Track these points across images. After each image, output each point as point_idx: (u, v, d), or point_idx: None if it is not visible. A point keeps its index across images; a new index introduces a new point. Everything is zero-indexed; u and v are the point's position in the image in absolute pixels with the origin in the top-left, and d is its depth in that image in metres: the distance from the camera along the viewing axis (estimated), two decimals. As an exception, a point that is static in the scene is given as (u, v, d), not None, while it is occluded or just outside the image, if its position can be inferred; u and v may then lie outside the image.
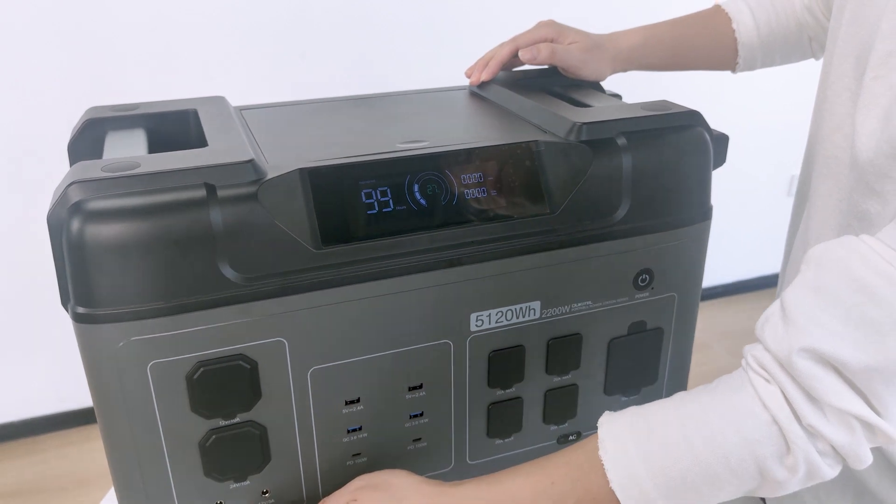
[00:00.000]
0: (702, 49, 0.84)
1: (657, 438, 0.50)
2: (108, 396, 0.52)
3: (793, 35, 0.82)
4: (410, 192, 0.56)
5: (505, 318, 0.61)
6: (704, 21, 0.84)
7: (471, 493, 0.55)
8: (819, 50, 0.84)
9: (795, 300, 0.48)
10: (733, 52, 0.83)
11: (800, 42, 0.83)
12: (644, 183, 0.61)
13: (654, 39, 0.82)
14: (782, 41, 0.83)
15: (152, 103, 0.69)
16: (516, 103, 0.70)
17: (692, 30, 0.84)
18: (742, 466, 0.48)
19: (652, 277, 0.64)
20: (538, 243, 0.59)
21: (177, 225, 0.49)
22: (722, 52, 0.84)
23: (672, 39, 0.83)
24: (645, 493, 0.49)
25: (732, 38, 0.83)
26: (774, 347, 0.48)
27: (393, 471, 0.59)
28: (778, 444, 0.47)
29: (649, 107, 0.64)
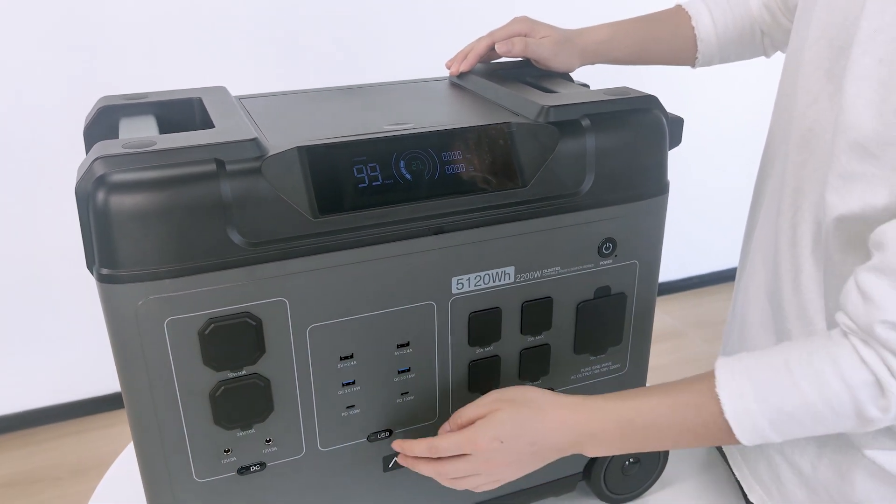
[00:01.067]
0: (664, 44, 0.91)
1: (767, 379, 0.59)
2: (128, 351, 0.58)
3: (747, 33, 0.90)
4: (397, 167, 0.63)
5: (483, 281, 0.68)
6: (666, 19, 0.91)
7: (603, 405, 0.64)
8: (771, 47, 0.92)
9: (868, 281, 0.57)
10: (693, 48, 0.91)
11: (753, 40, 0.91)
12: (606, 160, 0.68)
13: (620, 35, 0.89)
14: (737, 38, 0.91)
15: (160, 92, 0.75)
16: (492, 91, 0.77)
17: (655, 26, 0.91)
18: (842, 406, 0.58)
19: (615, 246, 0.72)
20: (511, 214, 0.66)
21: (190, 195, 0.56)
22: (683, 48, 0.91)
23: (636, 35, 0.90)
24: (755, 425, 0.59)
25: (692, 35, 0.90)
26: (858, 320, 0.58)
27: (524, 386, 0.68)
28: (874, 390, 0.57)
29: (611, 92, 0.72)
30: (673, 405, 0.63)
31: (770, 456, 0.77)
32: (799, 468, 0.74)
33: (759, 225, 0.79)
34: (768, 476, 0.78)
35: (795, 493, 0.75)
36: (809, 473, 0.73)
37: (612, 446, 0.65)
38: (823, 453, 0.72)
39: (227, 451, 0.64)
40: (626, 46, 0.89)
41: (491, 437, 0.63)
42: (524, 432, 0.64)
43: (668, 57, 0.92)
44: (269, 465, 0.66)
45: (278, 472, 0.67)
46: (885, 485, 0.67)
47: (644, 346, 0.79)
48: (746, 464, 0.82)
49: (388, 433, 0.70)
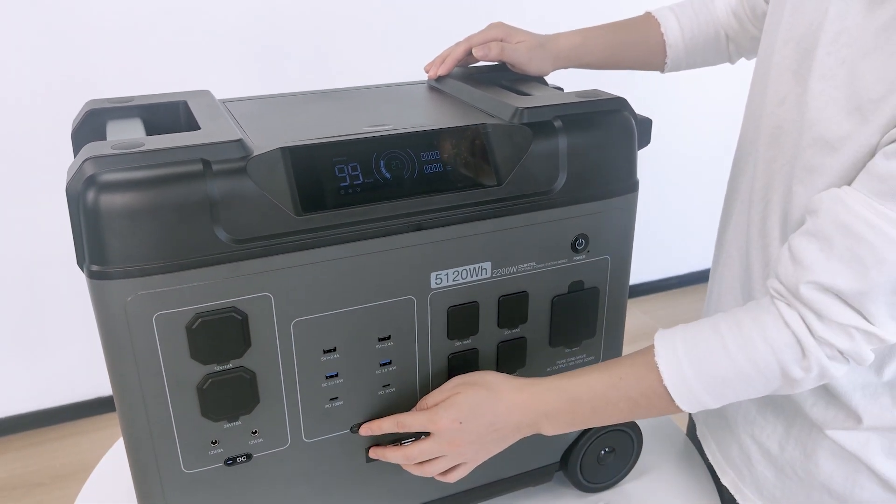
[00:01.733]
0: (634, 50, 0.95)
1: (701, 347, 0.64)
2: (118, 345, 0.60)
3: (712, 39, 0.94)
4: (377, 167, 0.66)
5: (461, 276, 0.70)
6: (636, 25, 0.95)
7: (553, 384, 0.69)
8: (735, 53, 0.96)
9: (799, 245, 0.62)
10: (662, 54, 0.95)
11: (718, 46, 0.95)
12: (577, 159, 0.71)
13: (592, 40, 0.92)
14: (703, 44, 0.95)
15: (146, 96, 0.77)
16: (468, 94, 0.80)
17: (626, 33, 0.95)
18: (768, 368, 0.62)
19: (587, 242, 0.75)
20: (488, 211, 0.69)
21: (177, 194, 0.58)
22: (652, 54, 0.95)
23: (607, 41, 0.94)
24: (692, 390, 0.64)
25: (661, 41, 0.94)
26: (786, 282, 0.62)
27: (484, 371, 0.73)
28: (795, 351, 0.61)
29: (582, 94, 0.75)
30: (616, 378, 0.67)
31: (741, 439, 0.81)
32: (767, 449, 0.78)
33: (732, 220, 0.83)
34: (740, 459, 0.82)
35: (765, 474, 0.78)
36: (777, 454, 0.77)
37: (565, 423, 0.69)
38: (790, 434, 0.76)
39: (214, 442, 0.66)
40: (597, 51, 0.92)
41: (451, 417, 0.67)
42: (482, 413, 0.68)
43: (637, 62, 0.96)
44: (255, 457, 0.68)
45: (264, 463, 0.69)
46: (846, 462, 0.71)
47: (617, 339, 0.82)
48: (720, 449, 0.85)
49: (370, 424, 0.72)
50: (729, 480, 0.83)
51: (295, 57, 1.99)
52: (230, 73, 1.93)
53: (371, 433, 0.71)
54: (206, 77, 1.89)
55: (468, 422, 0.68)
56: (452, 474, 0.71)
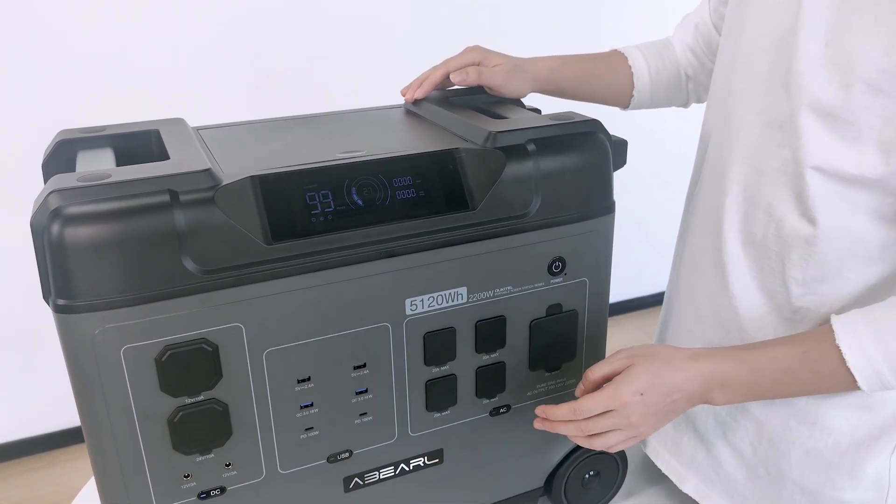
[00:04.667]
0: (604, 81, 0.96)
1: (886, 327, 0.62)
2: (85, 379, 0.59)
3: (674, 78, 0.97)
4: (349, 194, 0.65)
5: (436, 302, 0.70)
6: (607, 59, 0.96)
7: (731, 354, 0.67)
8: (693, 93, 0.98)
9: None
10: (629, 88, 0.96)
11: (679, 84, 0.97)
12: (552, 182, 0.71)
13: (568, 65, 0.93)
14: (666, 82, 0.97)
15: (118, 125, 0.76)
16: (444, 118, 0.80)
17: (597, 63, 0.96)
18: None
19: (564, 265, 0.74)
20: (462, 236, 0.68)
21: (144, 226, 0.57)
22: (619, 87, 0.96)
23: (582, 68, 0.94)
24: (878, 371, 0.62)
25: (629, 74, 0.95)
26: None
27: (650, 344, 0.72)
28: None
29: (556, 117, 0.75)
30: (800, 352, 0.65)
31: (710, 443, 0.82)
32: (740, 451, 0.79)
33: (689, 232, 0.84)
34: (707, 462, 0.83)
35: (735, 476, 0.80)
36: (749, 455, 0.77)
37: (741, 394, 0.67)
38: (762, 435, 0.77)
39: (186, 476, 0.65)
40: (572, 77, 0.93)
41: (633, 390, 0.66)
42: (661, 383, 0.66)
43: (605, 94, 0.97)
44: (229, 490, 0.67)
45: (239, 496, 0.68)
46: (817, 461, 0.72)
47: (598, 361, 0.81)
48: (676, 457, 0.87)
49: (347, 454, 0.71)
50: (691, 487, 0.84)
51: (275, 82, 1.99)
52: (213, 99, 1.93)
53: (545, 416, 0.69)
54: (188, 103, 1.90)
55: (648, 393, 0.66)
56: (619, 445, 0.70)
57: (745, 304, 0.75)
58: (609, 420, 0.67)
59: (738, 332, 0.77)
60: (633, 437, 0.69)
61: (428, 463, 0.76)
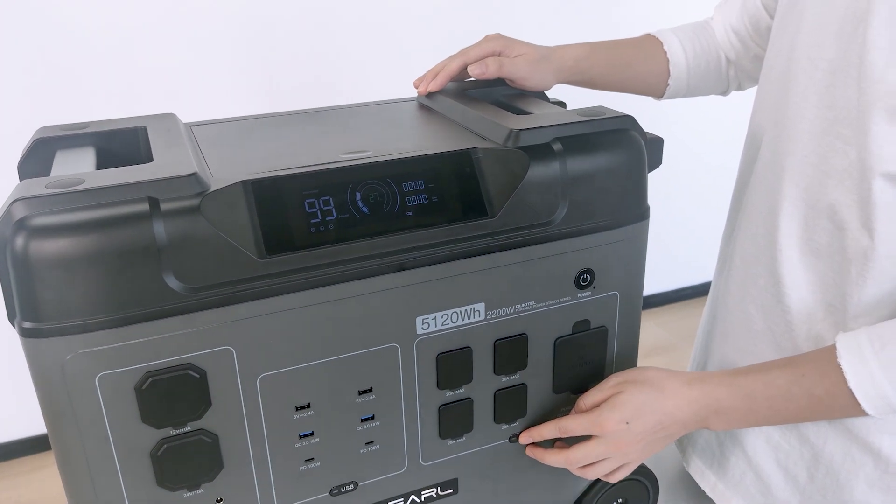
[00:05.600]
0: (636, 69, 0.88)
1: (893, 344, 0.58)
2: (57, 410, 0.53)
3: (713, 63, 0.88)
4: (353, 200, 0.58)
5: (451, 320, 0.63)
6: (640, 44, 0.88)
7: (725, 380, 0.64)
8: (734, 79, 0.89)
9: None
10: (664, 75, 0.88)
11: (719, 70, 0.89)
12: (580, 186, 0.63)
13: (597, 53, 0.85)
14: (705, 68, 0.88)
15: (103, 121, 0.70)
16: (460, 113, 0.73)
17: (629, 50, 0.88)
18: None
19: (593, 277, 0.67)
20: (480, 247, 0.61)
21: (120, 238, 0.51)
22: (654, 74, 0.88)
23: (612, 56, 0.86)
24: (883, 394, 0.58)
25: (664, 61, 0.87)
26: None
27: (643, 367, 0.68)
28: None
29: (584, 113, 0.67)
30: (797, 375, 0.62)
31: (759, 466, 0.75)
32: (794, 476, 0.72)
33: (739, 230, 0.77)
34: (755, 487, 0.76)
35: (789, 501, 0.73)
36: (805, 482, 0.71)
37: (737, 420, 0.65)
38: (820, 462, 0.70)
39: (173, 513, 0.58)
40: (601, 66, 0.85)
41: (617, 419, 0.64)
42: (649, 412, 0.64)
43: (638, 82, 0.89)
44: (221, 527, 0.61)
45: (232, 534, 0.61)
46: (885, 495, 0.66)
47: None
48: (722, 479, 0.80)
49: (352, 486, 0.65)
50: None
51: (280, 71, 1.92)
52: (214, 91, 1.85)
53: (531, 440, 0.69)
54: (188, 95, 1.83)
55: (635, 422, 0.64)
56: (616, 475, 0.69)
57: (801, 320, 0.67)
58: (597, 448, 0.65)
59: (792, 349, 0.69)
60: (624, 464, 0.68)
61: (441, 494, 0.69)
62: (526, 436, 0.69)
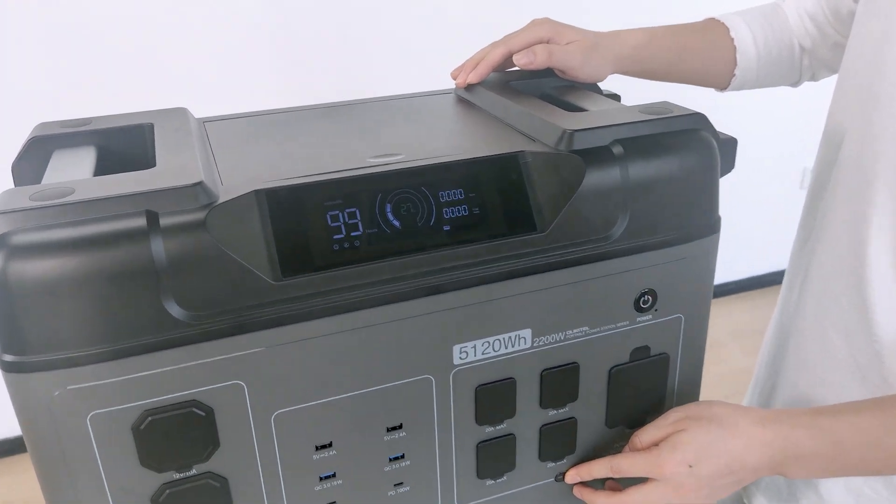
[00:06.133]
0: (700, 57, 0.78)
1: None
2: (45, 451, 0.47)
3: (786, 51, 0.78)
4: (382, 212, 0.50)
5: (492, 348, 0.55)
6: (703, 30, 0.79)
7: (807, 421, 0.56)
8: (808, 69, 0.80)
9: None
10: (730, 63, 0.78)
11: (791, 58, 0.79)
12: (643, 195, 0.55)
13: (657, 41, 0.76)
14: (776, 56, 0.78)
15: (107, 117, 0.63)
16: (504, 109, 0.64)
17: (693, 36, 0.78)
18: None
19: (655, 298, 0.58)
20: (527, 266, 0.53)
21: (114, 259, 0.44)
22: (719, 62, 0.79)
23: (674, 44, 0.77)
24: None
25: (731, 48, 0.77)
26: None
27: (709, 402, 0.60)
28: None
29: (648, 110, 0.58)
30: (890, 419, 0.54)
31: None
32: None
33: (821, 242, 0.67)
34: None
35: None
36: None
37: (819, 468, 0.57)
38: None
39: (178, 564, 0.52)
40: (662, 53, 0.76)
41: (678, 460, 0.56)
42: (715, 454, 0.56)
43: (701, 72, 0.79)
44: (232, 577, 0.54)
45: (245, 584, 0.55)
46: None
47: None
48: None
49: (379, 530, 0.58)
50: None
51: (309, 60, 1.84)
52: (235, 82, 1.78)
53: (580, 480, 0.62)
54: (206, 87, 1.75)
55: (699, 465, 0.56)
56: None
57: (893, 350, 0.58)
58: (654, 492, 0.58)
59: (880, 384, 0.60)
60: None
61: (478, 538, 0.62)
62: (574, 474, 0.62)
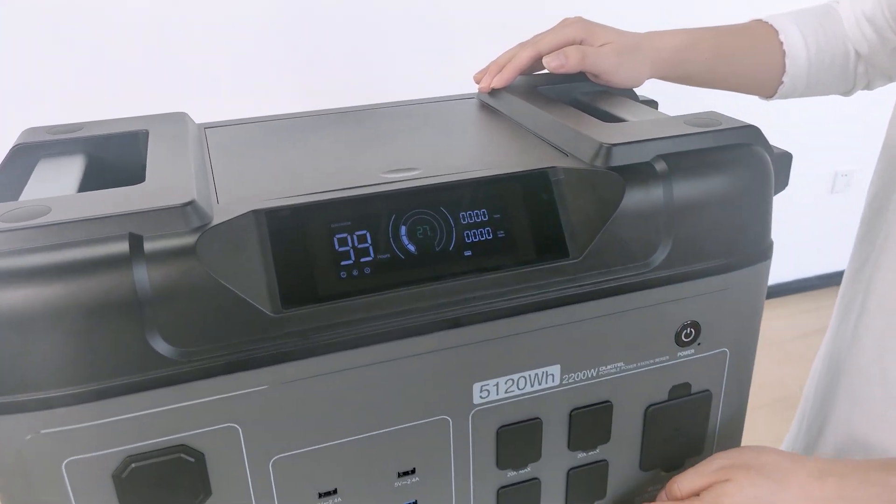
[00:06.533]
0: (747, 62, 0.71)
1: None
2: (16, 500, 0.42)
3: (839, 56, 0.71)
4: (396, 235, 0.45)
5: (517, 386, 0.49)
6: (749, 32, 0.72)
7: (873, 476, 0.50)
8: (863, 76, 0.73)
9: None
10: (779, 71, 0.71)
11: (845, 65, 0.72)
12: (689, 218, 0.49)
13: (699, 43, 0.69)
14: (829, 63, 0.71)
15: (100, 122, 0.58)
16: (532, 117, 0.59)
17: (738, 39, 0.71)
18: None
19: (698, 332, 0.52)
20: (558, 296, 0.47)
21: (92, 288, 0.39)
22: (766, 67, 0.71)
23: (717, 46, 0.70)
24: None
25: (779, 52, 0.70)
26: None
27: (758, 448, 0.55)
28: None
29: (694, 121, 0.52)
30: None
31: None
32: None
33: None
34: None
35: None
36: None
37: None
38: None
39: None
40: (704, 57, 0.69)
41: None
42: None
43: (746, 78, 0.72)
44: None
45: None
46: None
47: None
48: None
49: (388, 582, 0.52)
50: None
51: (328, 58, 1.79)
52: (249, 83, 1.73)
53: None
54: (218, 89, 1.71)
55: None
56: None
57: None
58: None
59: None
60: None
61: (498, 590, 0.56)
62: None
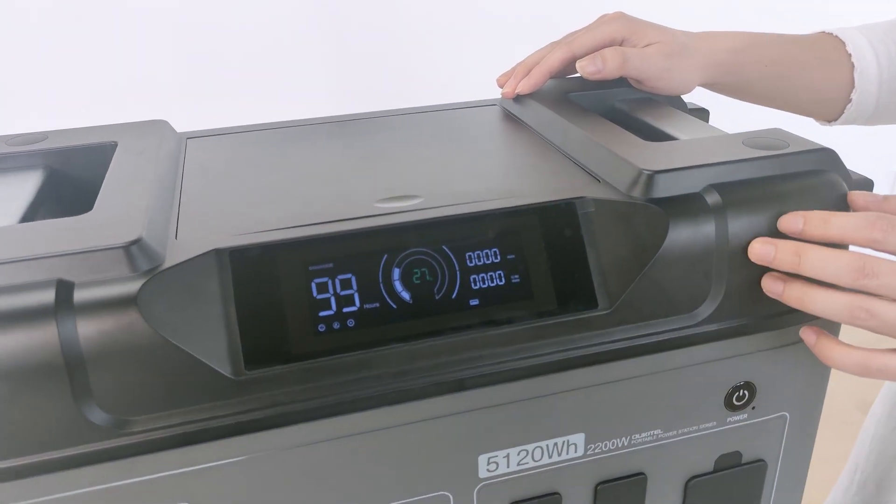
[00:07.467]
0: (811, 74, 0.60)
1: None
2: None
3: None
4: (387, 280, 0.37)
5: (531, 458, 0.41)
6: (814, 44, 0.60)
7: None
8: None
9: None
10: (846, 87, 0.60)
11: None
12: (744, 262, 0.40)
13: (759, 47, 0.59)
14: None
15: (68, 131, 0.51)
16: (561, 132, 0.50)
17: (802, 49, 0.60)
18: None
19: (753, 394, 0.44)
20: (584, 354, 0.39)
21: (12, 346, 0.32)
22: (833, 87, 0.60)
23: (779, 55, 0.59)
24: None
25: (847, 65, 0.59)
26: None
27: None
28: None
29: (755, 142, 0.43)
30: None
31: None
32: None
33: None
34: None
35: None
36: None
37: None
38: None
39: None
40: (764, 66, 0.59)
41: None
42: None
43: (809, 94, 0.61)
44: None
45: None
46: None
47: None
48: None
49: None
50: None
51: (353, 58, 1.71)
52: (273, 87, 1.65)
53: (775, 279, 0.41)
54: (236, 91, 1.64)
55: None
56: None
57: None
58: None
59: None
60: None
61: None
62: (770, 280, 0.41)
